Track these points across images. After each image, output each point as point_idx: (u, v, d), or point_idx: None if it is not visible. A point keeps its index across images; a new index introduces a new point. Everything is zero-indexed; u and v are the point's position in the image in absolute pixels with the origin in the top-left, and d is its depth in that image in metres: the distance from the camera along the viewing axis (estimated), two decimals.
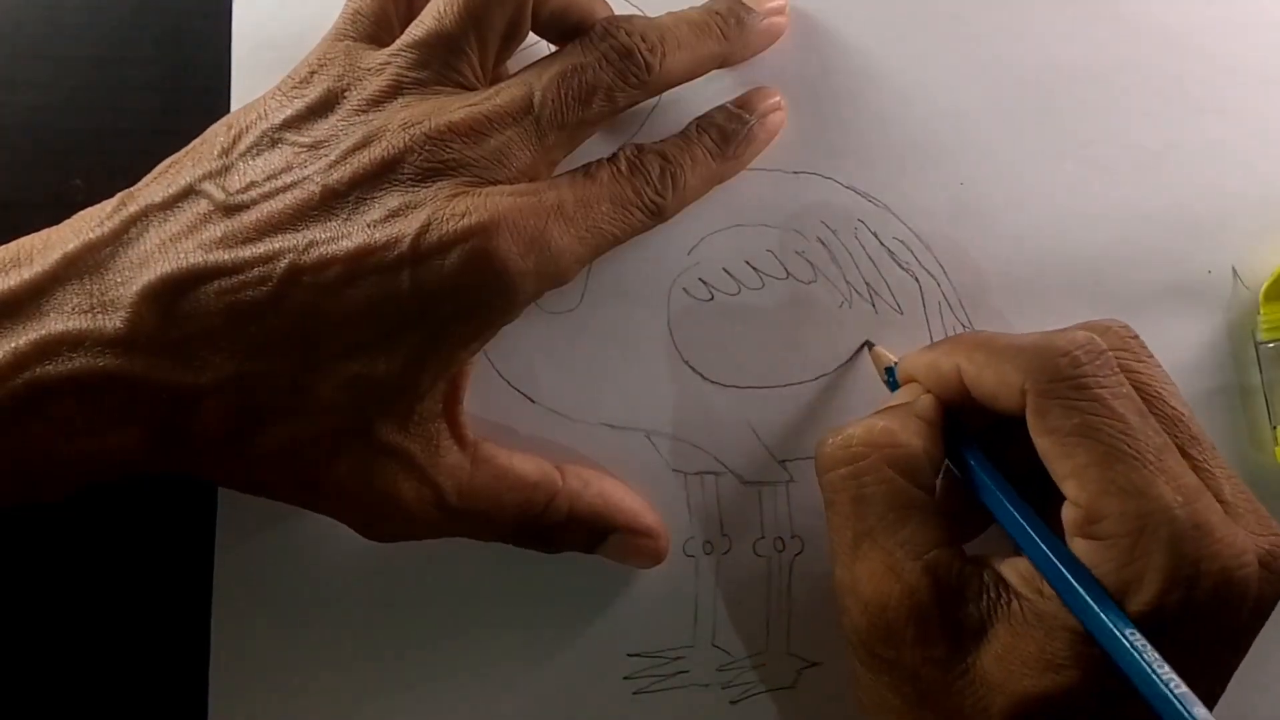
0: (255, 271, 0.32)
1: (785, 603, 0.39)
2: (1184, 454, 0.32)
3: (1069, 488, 0.31)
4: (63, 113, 0.40)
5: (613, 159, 0.36)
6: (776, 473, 0.39)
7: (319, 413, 0.32)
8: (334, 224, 0.32)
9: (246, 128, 0.34)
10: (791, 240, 0.39)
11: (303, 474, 0.33)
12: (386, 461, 0.33)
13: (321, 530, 0.38)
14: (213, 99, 0.39)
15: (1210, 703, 0.31)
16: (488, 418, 0.38)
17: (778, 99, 0.39)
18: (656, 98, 0.38)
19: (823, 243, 0.39)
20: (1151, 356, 0.33)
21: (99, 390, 0.31)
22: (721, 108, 0.38)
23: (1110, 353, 0.32)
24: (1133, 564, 0.30)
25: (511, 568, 0.38)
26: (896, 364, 0.37)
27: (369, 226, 0.32)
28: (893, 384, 0.37)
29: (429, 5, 0.35)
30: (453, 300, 0.32)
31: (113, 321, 0.31)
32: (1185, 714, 0.28)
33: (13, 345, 0.31)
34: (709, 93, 0.39)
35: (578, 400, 0.39)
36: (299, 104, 0.34)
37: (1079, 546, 0.31)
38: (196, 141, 0.35)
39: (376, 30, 0.35)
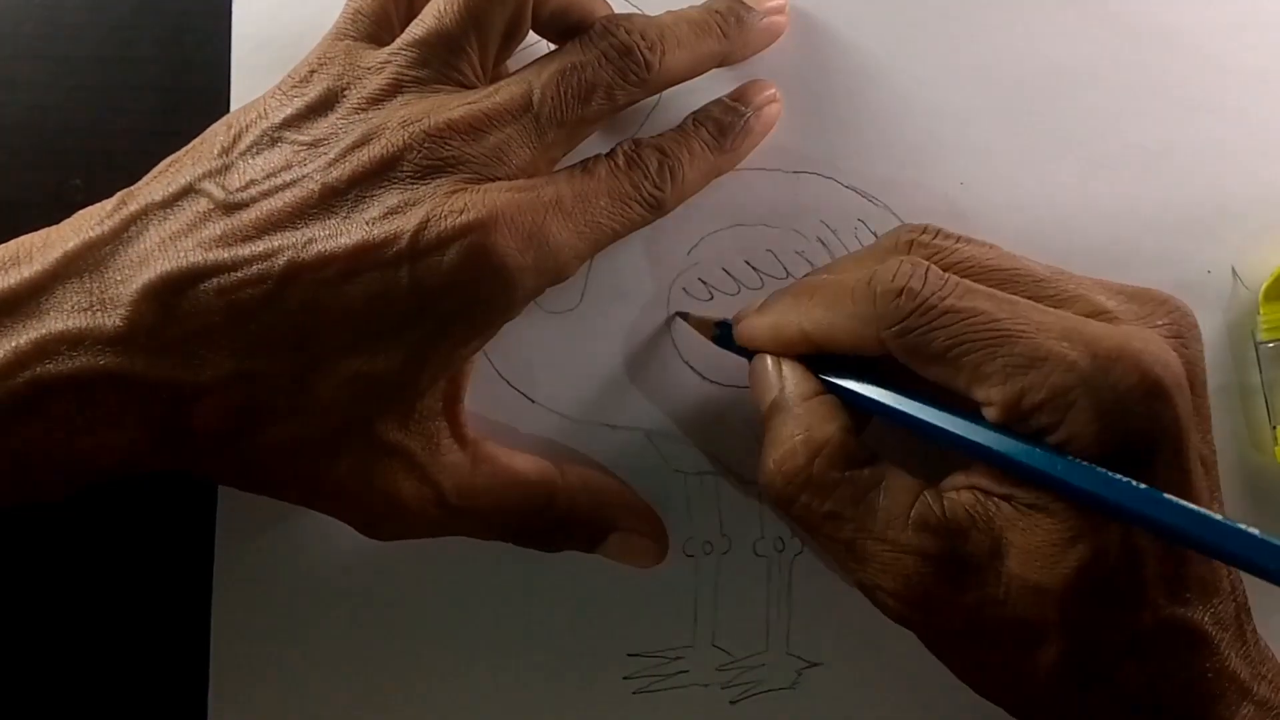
0: (255, 269, 0.32)
1: (785, 603, 0.39)
2: (1037, 299, 0.32)
3: (977, 394, 0.31)
4: (63, 113, 0.40)
5: (610, 154, 0.36)
6: None
7: (319, 410, 0.32)
8: (333, 221, 0.32)
9: (246, 127, 0.34)
10: (791, 240, 0.39)
11: (303, 472, 0.33)
12: (386, 460, 0.33)
13: (321, 530, 0.38)
14: (213, 99, 0.39)
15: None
16: (488, 417, 0.38)
17: (773, 91, 0.39)
18: (657, 96, 0.38)
19: (823, 243, 0.39)
20: (956, 236, 0.34)
21: (99, 389, 0.31)
22: (718, 101, 0.38)
23: (926, 264, 0.32)
24: (1069, 420, 0.30)
25: (511, 568, 0.38)
26: (729, 321, 0.37)
27: (368, 223, 0.32)
28: (723, 340, 0.37)
29: (429, 4, 0.35)
30: (452, 296, 0.32)
31: (112, 320, 0.31)
32: (1208, 515, 0.29)
33: (13, 344, 0.31)
34: (709, 91, 0.39)
35: (577, 400, 0.39)
36: (299, 103, 0.34)
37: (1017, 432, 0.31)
38: (196, 141, 0.35)
39: (377, 29, 0.36)
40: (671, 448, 0.39)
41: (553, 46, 0.36)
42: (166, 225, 0.33)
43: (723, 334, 0.37)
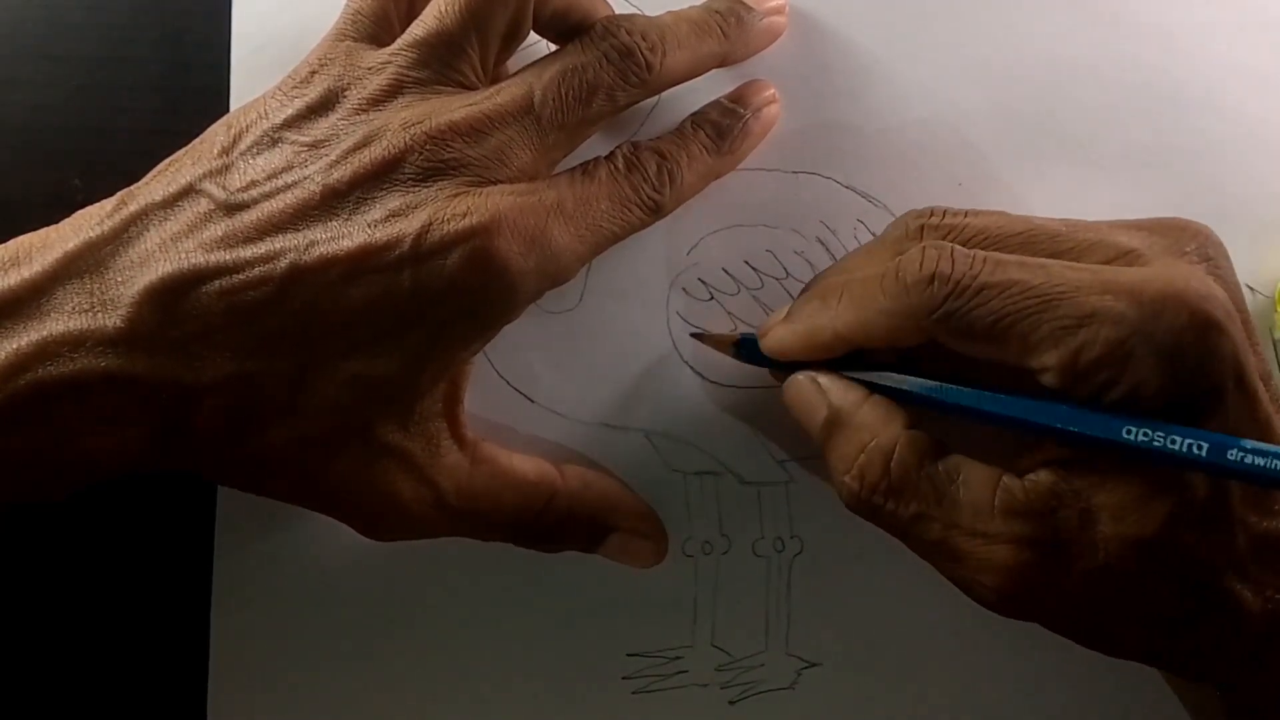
0: (256, 271, 0.32)
1: (784, 603, 0.39)
2: (1058, 256, 0.32)
3: (1031, 362, 0.31)
4: (63, 113, 0.40)
5: (610, 157, 0.36)
6: (776, 473, 0.39)
7: (319, 412, 0.32)
8: (335, 224, 0.32)
9: (247, 127, 0.34)
10: (791, 240, 0.39)
11: (302, 473, 0.33)
12: (386, 461, 0.33)
13: (321, 530, 0.38)
14: (213, 99, 0.39)
15: None
16: (487, 417, 0.38)
17: (772, 92, 0.39)
18: (656, 96, 0.38)
19: (822, 243, 0.39)
20: (963, 212, 0.34)
21: (100, 390, 0.31)
22: (716, 103, 0.38)
23: (949, 245, 0.32)
24: (1129, 372, 0.30)
25: (511, 568, 0.38)
26: (749, 335, 0.37)
27: (370, 226, 0.32)
28: (748, 356, 0.36)
29: (430, 5, 0.35)
30: (454, 300, 0.32)
31: (113, 320, 0.31)
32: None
33: (14, 346, 0.31)
34: (709, 91, 0.39)
35: (577, 400, 0.39)
36: (299, 103, 0.34)
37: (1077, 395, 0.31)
38: (196, 141, 0.34)
39: (377, 30, 0.35)
40: (671, 448, 0.39)
41: (553, 47, 0.37)
42: (167, 226, 0.33)
43: (744, 349, 0.37)
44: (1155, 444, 0.30)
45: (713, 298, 0.39)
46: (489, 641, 0.39)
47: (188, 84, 0.40)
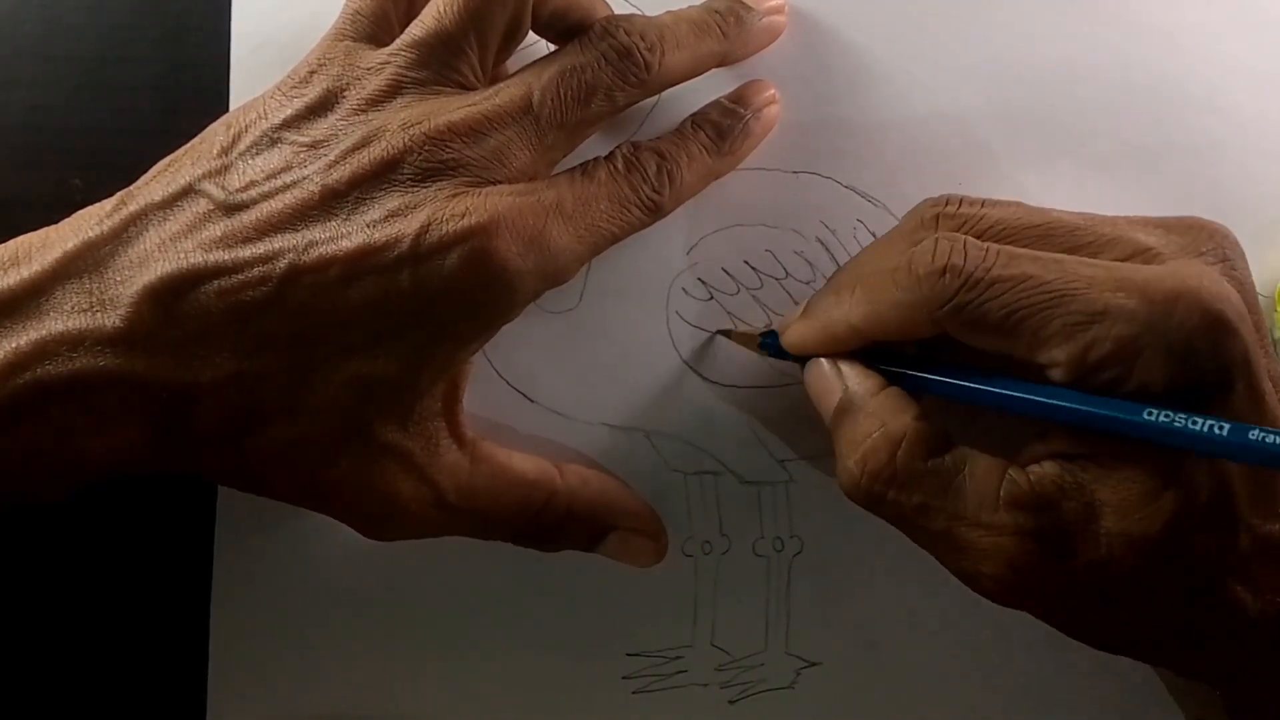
0: (255, 271, 0.32)
1: (784, 603, 0.39)
2: (1076, 250, 0.32)
3: (1040, 357, 0.31)
4: (63, 112, 0.40)
5: (609, 157, 0.36)
6: (776, 473, 0.39)
7: (318, 412, 0.32)
8: (334, 224, 0.32)
9: (246, 127, 0.34)
10: (791, 240, 0.39)
11: (302, 473, 0.33)
12: (386, 461, 0.33)
13: (321, 530, 0.38)
14: (213, 99, 0.39)
15: None
16: (487, 417, 0.38)
17: (772, 93, 0.39)
18: (656, 96, 0.38)
19: (822, 243, 0.39)
20: (980, 201, 0.34)
21: (99, 389, 0.31)
22: (716, 103, 0.38)
23: (963, 237, 0.32)
24: (1138, 369, 0.30)
25: (511, 567, 0.38)
26: (772, 331, 0.37)
27: (369, 226, 0.32)
28: (774, 352, 0.37)
29: (429, 5, 0.35)
30: (453, 300, 0.32)
31: (112, 320, 0.31)
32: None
33: (13, 345, 0.31)
34: (708, 91, 0.39)
35: (577, 400, 0.39)
36: (298, 103, 0.34)
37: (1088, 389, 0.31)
38: (195, 140, 0.35)
39: (376, 30, 0.35)
40: (671, 448, 0.39)
41: (553, 47, 0.37)
42: (166, 226, 0.33)
43: (769, 344, 0.37)
44: (1176, 424, 0.29)
45: (713, 298, 0.39)
46: (489, 641, 0.39)
47: (188, 84, 0.40)
